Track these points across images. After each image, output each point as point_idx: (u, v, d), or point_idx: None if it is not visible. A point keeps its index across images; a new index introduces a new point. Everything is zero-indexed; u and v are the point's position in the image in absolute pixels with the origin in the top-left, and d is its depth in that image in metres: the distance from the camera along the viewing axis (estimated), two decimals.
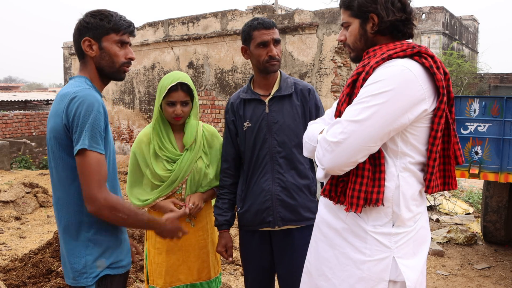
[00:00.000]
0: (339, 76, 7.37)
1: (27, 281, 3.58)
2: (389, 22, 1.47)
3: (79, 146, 1.55)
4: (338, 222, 1.55)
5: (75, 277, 1.67)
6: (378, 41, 1.53)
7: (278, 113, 2.20)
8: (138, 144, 2.32)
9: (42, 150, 13.00)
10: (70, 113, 1.57)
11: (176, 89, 2.19)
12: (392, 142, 1.44)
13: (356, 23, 1.54)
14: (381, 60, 1.43)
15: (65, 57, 21.77)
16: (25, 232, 5.60)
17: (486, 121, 4.08)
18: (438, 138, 1.45)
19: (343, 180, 1.50)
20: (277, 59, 2.18)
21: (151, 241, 2.35)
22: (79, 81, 1.68)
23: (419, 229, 1.53)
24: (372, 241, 1.46)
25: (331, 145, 1.40)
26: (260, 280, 2.37)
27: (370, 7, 1.48)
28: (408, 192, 1.47)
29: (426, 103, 1.40)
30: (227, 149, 2.32)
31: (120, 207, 1.62)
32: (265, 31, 2.17)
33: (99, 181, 1.57)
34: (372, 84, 1.39)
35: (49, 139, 1.66)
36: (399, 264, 1.45)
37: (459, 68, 18.17)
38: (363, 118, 1.36)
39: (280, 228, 2.22)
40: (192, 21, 9.31)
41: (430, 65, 1.42)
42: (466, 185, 8.71)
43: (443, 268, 4.48)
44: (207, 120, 9.05)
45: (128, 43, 1.75)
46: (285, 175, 2.18)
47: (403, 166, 1.46)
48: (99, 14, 1.69)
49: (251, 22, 2.21)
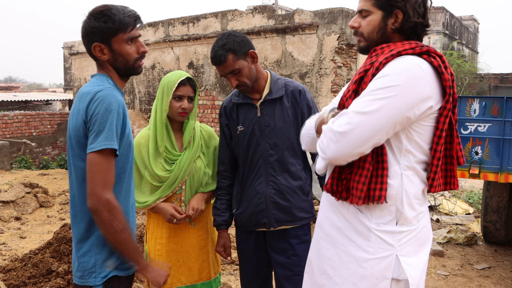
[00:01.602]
0: (339, 76, 7.37)
1: (27, 281, 3.58)
2: (413, 23, 1.48)
3: (94, 145, 1.54)
4: (340, 220, 1.55)
5: (84, 275, 1.66)
6: (393, 38, 1.53)
7: (269, 116, 2.22)
8: (137, 146, 2.32)
9: (42, 150, 13.00)
10: (89, 111, 1.56)
11: (184, 83, 2.24)
12: (397, 139, 1.45)
13: (379, 14, 1.52)
14: (391, 57, 1.44)
15: (65, 57, 21.74)
16: (25, 232, 5.60)
17: (486, 121, 4.08)
18: (443, 138, 1.46)
19: (346, 177, 1.50)
20: (241, 84, 2.17)
21: (151, 242, 2.35)
22: (100, 80, 1.67)
23: (422, 228, 1.54)
24: (376, 239, 1.46)
25: (337, 135, 1.40)
26: (256, 281, 2.38)
27: (399, 3, 1.48)
28: (411, 190, 1.47)
29: (433, 100, 1.41)
30: (223, 152, 2.35)
31: (119, 216, 1.58)
32: (217, 67, 2.16)
33: (105, 180, 1.56)
34: (381, 78, 1.40)
35: (69, 137, 1.66)
36: (402, 262, 1.45)
37: (459, 68, 18.16)
38: (370, 110, 1.37)
39: (275, 228, 2.25)
40: (192, 21, 9.31)
41: (439, 65, 1.43)
42: (466, 185, 8.71)
43: (443, 268, 4.48)
44: (207, 120, 9.05)
45: (138, 36, 1.70)
46: (278, 178, 2.21)
47: (407, 165, 1.46)
48: (102, 15, 1.63)
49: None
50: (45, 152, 13.15)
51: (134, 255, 1.66)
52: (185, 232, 2.33)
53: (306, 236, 2.30)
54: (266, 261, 2.33)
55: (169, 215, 2.22)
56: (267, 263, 2.34)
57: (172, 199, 2.31)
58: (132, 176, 1.79)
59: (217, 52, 2.12)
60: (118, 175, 1.66)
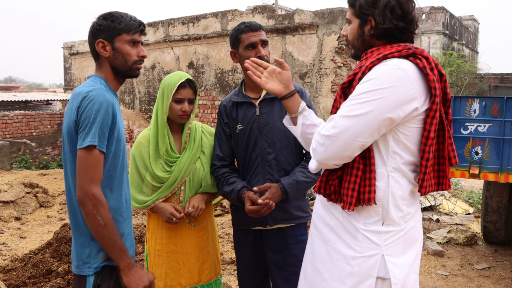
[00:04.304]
0: (339, 76, 7.37)
1: (27, 281, 3.58)
2: (383, 29, 1.51)
3: (82, 142, 1.64)
4: (331, 219, 1.61)
5: (79, 265, 1.75)
6: (374, 43, 1.57)
7: (268, 115, 2.24)
8: (137, 147, 2.32)
9: (42, 150, 13.00)
10: (80, 110, 1.66)
11: (185, 86, 2.24)
12: (384, 141, 1.48)
13: (356, 22, 1.58)
14: (377, 60, 1.48)
15: (65, 57, 21.76)
16: (25, 232, 5.60)
17: (486, 121, 4.08)
18: (431, 139, 1.48)
19: (334, 179, 1.55)
20: (266, 60, 2.19)
21: (151, 243, 2.35)
22: (94, 81, 1.78)
23: (410, 229, 1.57)
24: (362, 238, 1.52)
25: (323, 138, 1.47)
26: (253, 280, 2.39)
27: (369, 10, 1.52)
28: (397, 192, 1.51)
29: (417, 102, 1.44)
30: (225, 149, 2.34)
31: (102, 211, 1.65)
32: (252, 33, 2.20)
33: (92, 176, 1.65)
34: (366, 82, 1.45)
35: (63, 134, 1.76)
36: (388, 262, 1.49)
37: (459, 68, 18.16)
38: (354, 114, 1.42)
39: (272, 227, 2.26)
40: (192, 21, 9.31)
41: (424, 66, 1.45)
42: (466, 185, 8.71)
43: (443, 268, 4.48)
44: (207, 120, 9.05)
45: (140, 41, 1.83)
46: (275, 176, 2.23)
47: (394, 167, 1.50)
48: (110, 16, 1.78)
49: (238, 26, 2.25)
50: (45, 152, 13.15)
51: (115, 252, 1.69)
52: (185, 233, 2.33)
53: (303, 236, 2.31)
54: (263, 260, 2.34)
55: (168, 213, 2.22)
56: (264, 262, 2.35)
57: (172, 200, 2.31)
58: (125, 174, 1.83)
59: (253, 22, 2.24)
60: (108, 172, 1.73)
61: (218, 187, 2.32)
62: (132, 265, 1.72)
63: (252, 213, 2.11)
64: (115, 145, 1.74)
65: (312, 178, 2.21)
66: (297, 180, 2.18)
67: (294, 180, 2.18)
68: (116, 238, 1.69)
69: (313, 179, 2.22)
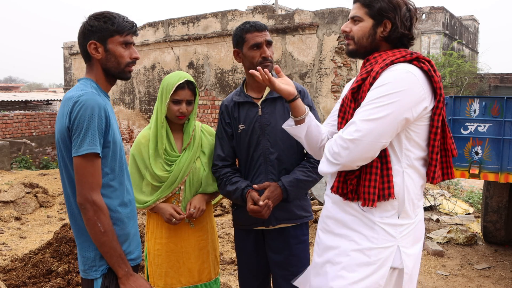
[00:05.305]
0: (339, 76, 7.37)
1: (27, 281, 3.58)
2: (400, 33, 1.65)
3: (78, 150, 1.62)
4: (345, 215, 1.70)
5: (86, 269, 1.73)
6: (381, 46, 1.69)
7: (270, 115, 2.24)
8: (137, 146, 2.32)
9: (42, 150, 13.00)
10: (72, 116, 1.63)
11: (183, 87, 2.23)
12: (398, 140, 1.61)
13: (370, 22, 1.67)
14: (385, 66, 1.59)
15: (65, 57, 21.76)
16: (25, 232, 5.60)
17: (486, 121, 4.08)
18: (439, 134, 1.62)
19: (352, 178, 1.64)
20: (270, 60, 2.19)
21: (151, 242, 2.35)
22: (84, 84, 1.74)
23: (418, 222, 1.71)
24: (380, 231, 1.62)
25: (347, 142, 1.56)
26: (255, 280, 2.38)
27: (389, 14, 1.63)
28: (411, 186, 1.64)
29: (426, 101, 1.58)
30: (225, 149, 2.33)
31: (103, 218, 1.65)
32: (257, 33, 2.20)
33: (91, 183, 1.64)
34: (381, 87, 1.55)
35: (57, 139, 1.74)
36: (402, 253, 1.61)
37: (459, 68, 18.16)
38: (375, 117, 1.53)
39: (274, 227, 2.25)
40: (192, 21, 9.31)
41: (428, 69, 1.59)
42: (466, 185, 8.71)
43: (443, 268, 4.48)
44: (207, 120, 9.06)
45: (132, 43, 1.80)
46: (278, 176, 2.23)
47: (407, 163, 1.62)
48: (102, 16, 1.73)
49: (243, 26, 2.24)
50: (45, 152, 13.15)
51: (114, 259, 1.68)
52: (185, 233, 2.33)
53: (304, 236, 2.30)
54: (265, 260, 2.34)
55: (168, 214, 2.22)
56: (265, 262, 2.34)
57: (172, 200, 2.32)
58: (125, 174, 1.82)
59: (258, 22, 2.24)
60: (106, 175, 1.71)
61: (220, 187, 2.31)
62: (131, 273, 1.71)
63: (253, 213, 2.11)
64: (112, 148, 1.73)
65: (313, 177, 2.22)
66: (297, 179, 2.18)
67: (295, 179, 2.18)
68: (115, 245, 1.68)
69: (313, 178, 2.22)
